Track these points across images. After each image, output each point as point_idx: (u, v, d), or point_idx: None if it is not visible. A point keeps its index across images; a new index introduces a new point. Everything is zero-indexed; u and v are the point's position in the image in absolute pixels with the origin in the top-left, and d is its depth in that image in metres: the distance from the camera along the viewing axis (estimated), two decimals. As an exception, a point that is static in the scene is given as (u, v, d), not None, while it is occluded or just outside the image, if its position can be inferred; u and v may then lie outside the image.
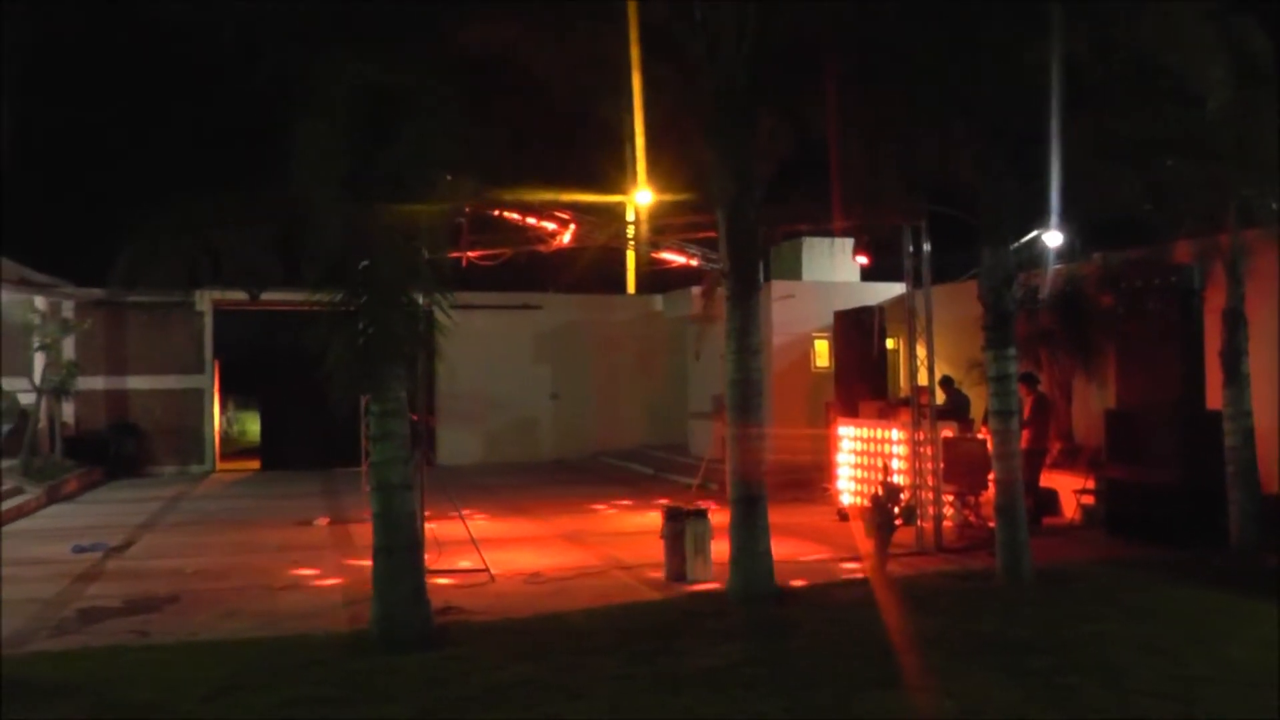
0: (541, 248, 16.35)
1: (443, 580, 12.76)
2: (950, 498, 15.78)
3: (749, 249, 12.03)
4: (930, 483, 15.47)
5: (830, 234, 22.71)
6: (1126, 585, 12.34)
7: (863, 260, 18.82)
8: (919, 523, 15.12)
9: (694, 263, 18.98)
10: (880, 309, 19.85)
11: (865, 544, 14.24)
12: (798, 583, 12.71)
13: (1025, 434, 14.59)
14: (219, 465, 30.04)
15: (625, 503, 21.24)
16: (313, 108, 9.75)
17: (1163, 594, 11.85)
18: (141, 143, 33.44)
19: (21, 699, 8.57)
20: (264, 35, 9.90)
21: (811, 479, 20.56)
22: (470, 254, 15.57)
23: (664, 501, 15.52)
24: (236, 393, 39.24)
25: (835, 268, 25.07)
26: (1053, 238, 13.87)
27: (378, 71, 9.67)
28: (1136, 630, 10.23)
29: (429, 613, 10.44)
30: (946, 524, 15.38)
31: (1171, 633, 10.15)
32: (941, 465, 15.44)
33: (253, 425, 38.66)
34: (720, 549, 12.39)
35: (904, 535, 14.81)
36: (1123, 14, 10.91)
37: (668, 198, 16.00)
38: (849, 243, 22.04)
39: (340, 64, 9.70)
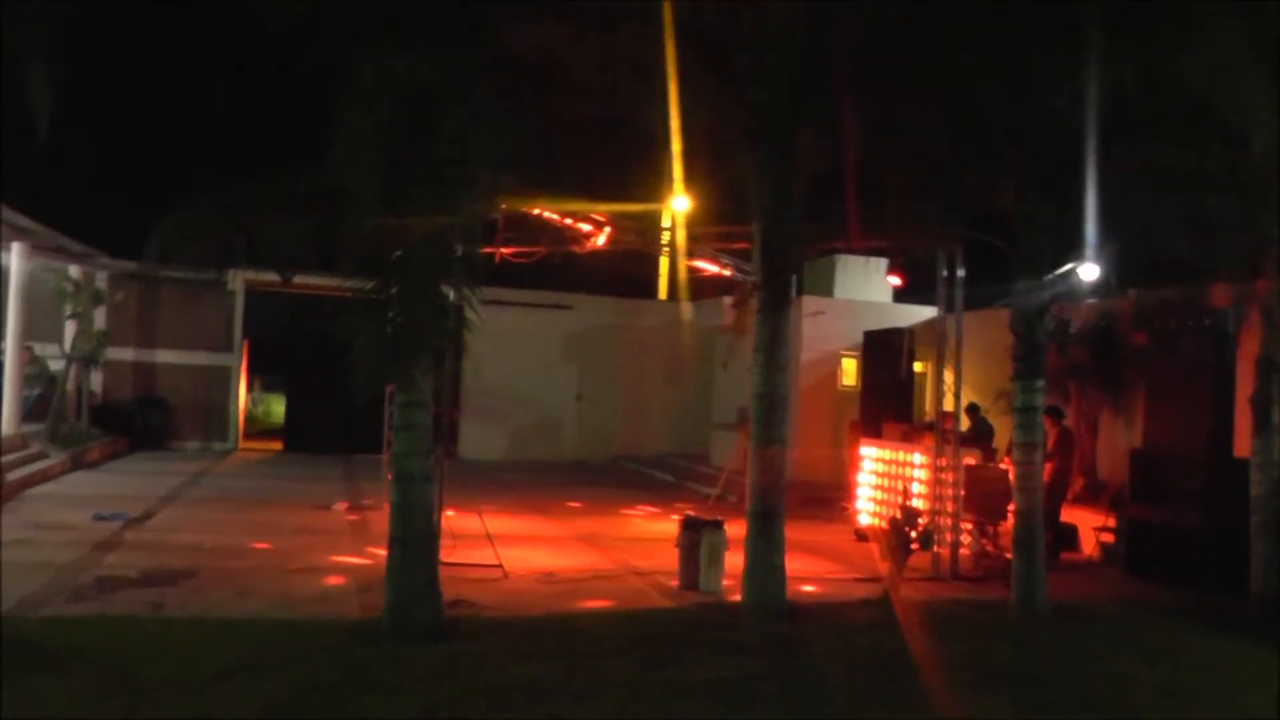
0: (575, 248, 16.35)
1: (456, 574, 12.75)
2: (969, 525, 15.73)
3: (783, 263, 12.02)
4: (949, 509, 15.43)
5: (865, 253, 22.71)
6: (1143, 626, 12.26)
7: (895, 281, 18.77)
8: (935, 548, 15.08)
9: (727, 273, 18.96)
10: (910, 331, 19.80)
11: (880, 566, 14.21)
12: (810, 600, 12.69)
13: (1047, 467, 14.52)
14: (242, 444, 30.15)
15: (643, 508, 21.24)
16: (355, 99, 9.80)
17: (1180, 638, 11.77)
18: (186, 122, 33.65)
19: (34, 663, 8.63)
20: (311, 27, 9.95)
21: (831, 497, 20.53)
22: (504, 251, 15.60)
23: (682, 510, 15.51)
24: (263, 373, 39.39)
25: (868, 287, 25.03)
26: (1088, 271, 13.77)
27: (421, 67, 9.71)
28: (1151, 672, 10.16)
29: (440, 605, 10.46)
30: (963, 552, 15.33)
31: (1187, 677, 10.08)
32: (962, 492, 15.40)
33: (278, 406, 38.80)
34: (735, 561, 12.39)
35: (920, 560, 14.79)
36: (1172, 47, 10.85)
37: (705, 206, 16.00)
38: (883, 262, 22.01)
39: (385, 58, 9.74)
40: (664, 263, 31.58)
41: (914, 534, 14.91)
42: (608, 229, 16.08)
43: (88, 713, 7.72)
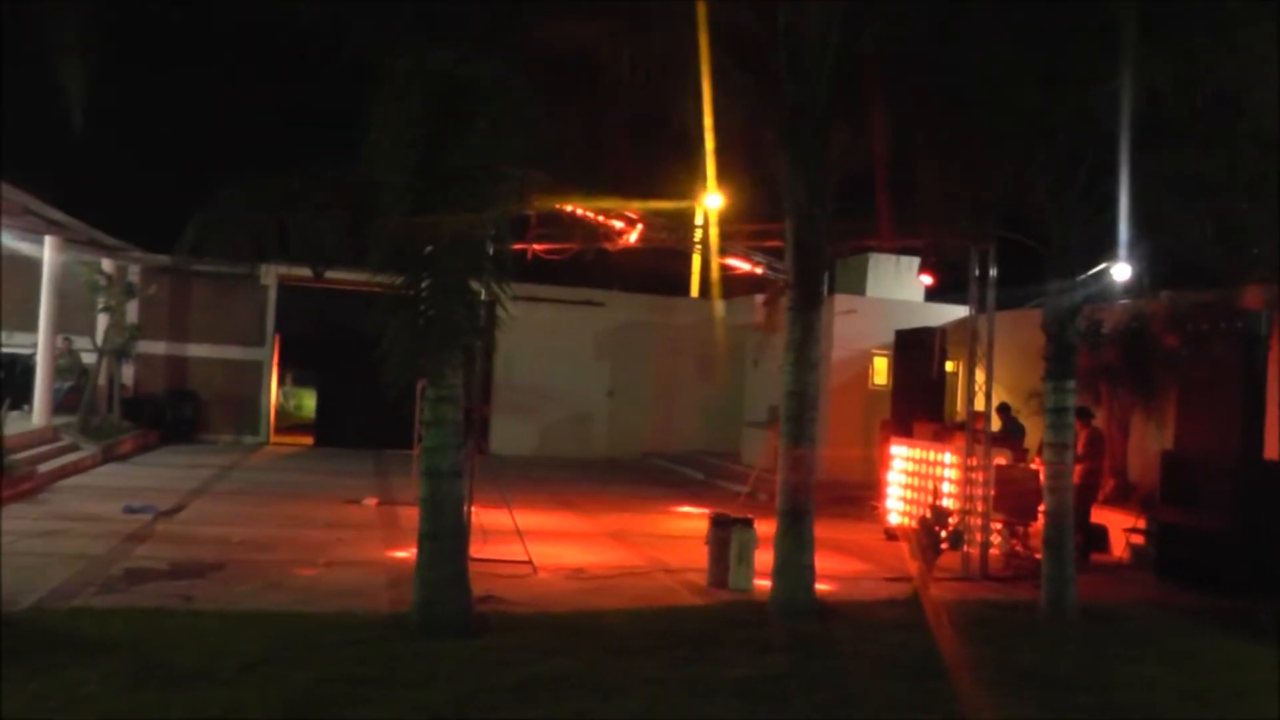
0: (608, 245, 16.35)
1: (485, 569, 12.76)
2: (999, 526, 15.67)
3: (815, 261, 11.99)
4: (980, 509, 15.37)
5: (897, 251, 22.66)
6: (1172, 630, 12.19)
7: (927, 280, 18.69)
8: (965, 548, 15.03)
9: (759, 271, 18.95)
10: (942, 330, 19.74)
11: (910, 565, 14.18)
12: (840, 599, 12.66)
13: (1077, 468, 14.45)
14: (273, 438, 30.31)
15: (673, 505, 21.23)
16: (389, 93, 9.82)
17: (1209, 642, 11.69)
18: (221, 117, 33.80)
19: (67, 653, 8.69)
20: (348, 19, 9.99)
21: (861, 496, 20.50)
22: (536, 247, 15.63)
23: (713, 507, 15.49)
24: (295, 368, 39.52)
25: (900, 286, 24.96)
26: (1121, 272, 13.73)
27: (456, 61, 9.72)
28: (1179, 676, 10.09)
29: (469, 600, 10.49)
30: (993, 552, 15.27)
31: (1215, 682, 10.01)
32: (992, 493, 15.34)
33: (309, 401, 38.94)
34: (764, 559, 12.37)
35: (949, 560, 14.76)
36: (1207, 51, 10.79)
37: (738, 203, 16.00)
38: (915, 261, 21.96)
39: (420, 51, 9.76)
40: (696, 260, 31.56)
41: (944, 534, 14.88)
42: (640, 226, 16.08)
43: (120, 701, 7.77)
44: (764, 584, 12.21)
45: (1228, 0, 10.85)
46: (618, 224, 15.91)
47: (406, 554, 12.19)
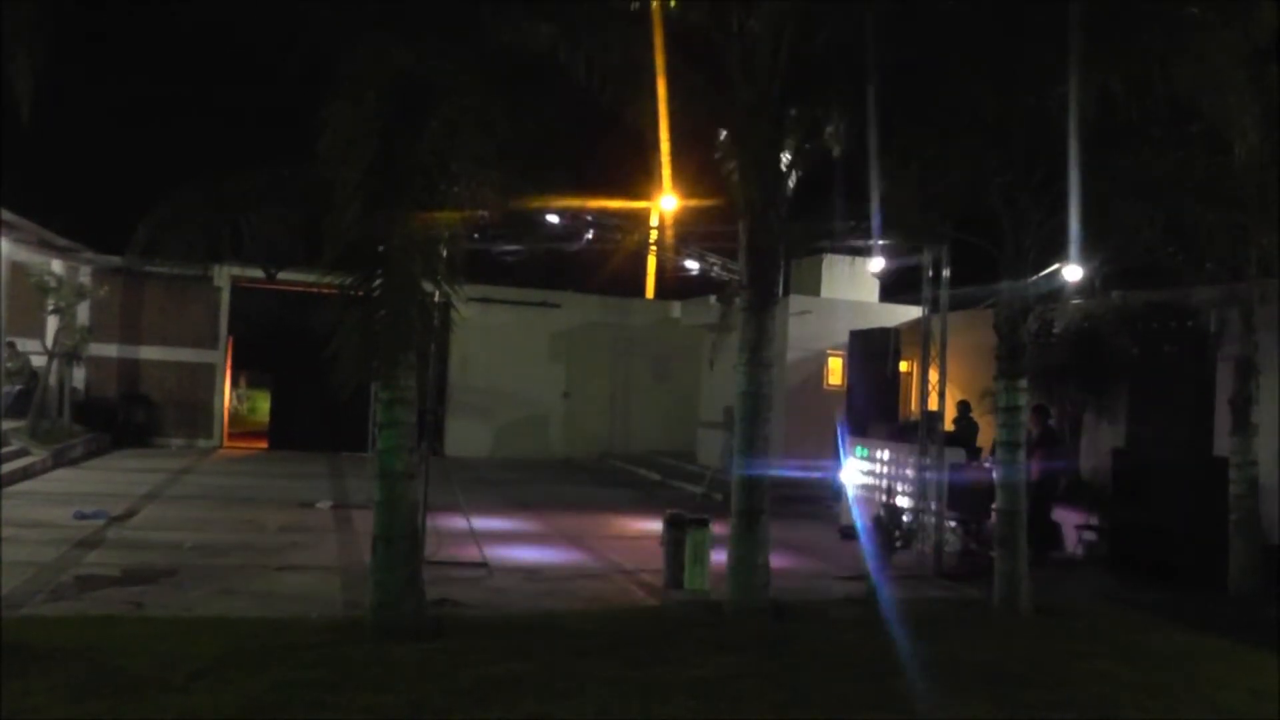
0: (563, 246, 16.32)
1: (440, 572, 12.72)
2: (953, 524, 15.75)
3: (769, 262, 12.01)
4: (934, 507, 15.44)
5: (852, 251, 22.72)
6: (1125, 624, 12.30)
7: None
8: (920, 546, 15.09)
9: (714, 272, 18.96)
10: (896, 331, 19.84)
11: (865, 564, 14.22)
12: (794, 598, 12.68)
13: (1035, 466, 14.54)
14: (227, 442, 30.09)
15: (629, 506, 21.21)
16: (344, 91, 9.75)
17: (1160, 635, 11.80)
18: (172, 115, 33.57)
19: (14, 662, 8.58)
20: (303, 16, 9.92)
21: (816, 495, 20.53)
22: (491, 247, 15.56)
23: (668, 508, 15.49)
24: (248, 370, 39.30)
25: (855, 286, 25.04)
26: (1072, 273, 13.82)
27: (412, 59, 9.67)
28: (1132, 670, 10.17)
29: (425, 603, 10.45)
30: (948, 549, 15.33)
31: (1166, 675, 10.10)
32: (946, 491, 15.41)
33: (263, 404, 38.71)
34: (720, 559, 12.38)
35: (904, 558, 14.80)
36: (1159, 55, 10.87)
37: (692, 204, 16.01)
38: (869, 262, 22.07)
39: (376, 49, 9.70)
40: (651, 261, 31.59)
41: (898, 532, 14.92)
42: (595, 227, 16.06)
43: (68, 712, 7.69)
44: (720, 583, 12.22)
45: (1181, 9, 10.93)
46: (573, 224, 15.88)
47: (361, 557, 12.12)
